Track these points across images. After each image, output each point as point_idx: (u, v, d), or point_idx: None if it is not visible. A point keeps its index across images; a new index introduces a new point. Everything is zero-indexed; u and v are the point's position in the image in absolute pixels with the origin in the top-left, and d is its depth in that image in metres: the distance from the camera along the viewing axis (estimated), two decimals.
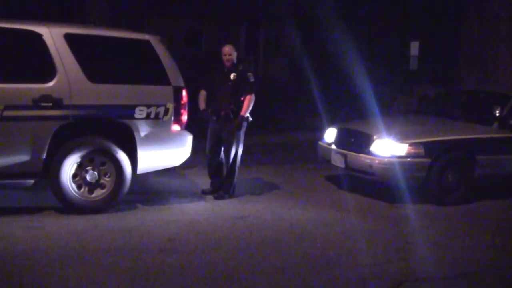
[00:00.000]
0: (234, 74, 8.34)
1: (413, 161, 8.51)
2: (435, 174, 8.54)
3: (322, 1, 18.14)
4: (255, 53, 22.22)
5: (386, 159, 8.52)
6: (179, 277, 5.60)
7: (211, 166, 8.58)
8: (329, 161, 9.41)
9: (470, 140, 8.88)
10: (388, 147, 8.55)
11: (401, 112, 16.70)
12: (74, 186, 7.28)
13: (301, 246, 6.63)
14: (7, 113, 6.91)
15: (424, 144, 8.57)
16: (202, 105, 8.55)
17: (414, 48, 22.60)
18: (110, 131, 7.46)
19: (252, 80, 8.35)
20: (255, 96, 8.37)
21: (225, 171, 8.44)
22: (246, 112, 8.29)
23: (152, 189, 8.85)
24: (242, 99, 8.31)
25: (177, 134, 7.75)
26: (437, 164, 8.54)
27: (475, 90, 11.06)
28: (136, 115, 7.45)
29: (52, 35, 7.24)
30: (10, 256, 5.90)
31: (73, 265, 5.74)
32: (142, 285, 5.40)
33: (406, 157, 8.50)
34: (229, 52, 8.38)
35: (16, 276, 5.46)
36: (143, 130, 7.48)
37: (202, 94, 8.57)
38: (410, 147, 8.52)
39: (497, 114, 9.09)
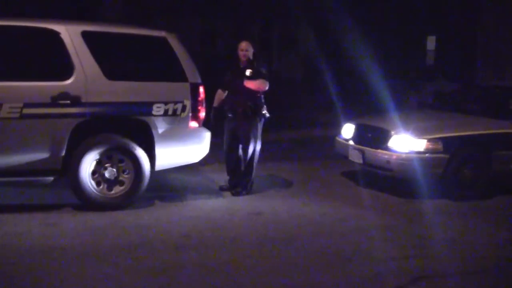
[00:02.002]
0: (250, 70, 8.34)
1: (431, 157, 8.47)
2: (453, 170, 8.50)
3: None
4: (269, 50, 22.19)
5: (404, 155, 8.49)
6: (196, 274, 5.61)
7: (229, 163, 8.60)
8: (346, 157, 9.40)
9: (488, 135, 8.83)
10: (406, 143, 8.53)
11: (418, 107, 16.65)
12: (93, 183, 7.34)
13: (318, 242, 6.63)
14: (26, 110, 6.98)
15: (442, 140, 8.53)
16: (215, 103, 8.59)
17: (431, 42, 22.48)
18: (128, 128, 7.50)
19: (264, 72, 8.35)
20: (270, 91, 8.37)
21: (242, 167, 8.45)
22: (254, 86, 8.24)
23: (170, 185, 8.89)
24: (259, 95, 8.33)
25: (194, 130, 7.77)
26: (454, 159, 8.50)
27: (492, 85, 11.00)
28: (154, 112, 7.48)
29: (70, 33, 7.29)
30: (28, 253, 5.95)
31: (91, 262, 5.78)
32: (159, 282, 5.42)
33: (424, 152, 8.46)
34: (246, 47, 8.38)
35: (33, 272, 5.51)
36: (160, 127, 7.50)
37: (219, 93, 8.60)
38: (428, 143, 8.49)
39: None
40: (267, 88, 8.33)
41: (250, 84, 8.21)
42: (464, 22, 19.70)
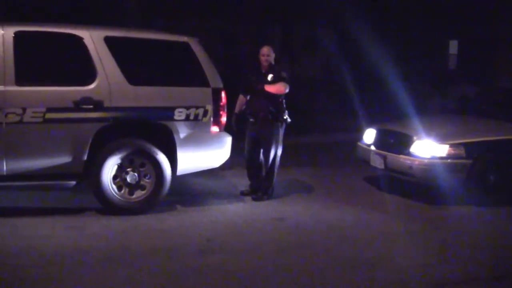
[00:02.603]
0: (272, 75, 8.33)
1: (453, 162, 8.40)
2: (476, 175, 8.42)
3: (357, 0, 18.03)
4: (290, 53, 22.18)
5: (426, 160, 8.43)
6: (218, 279, 5.61)
7: (250, 167, 8.59)
8: (368, 162, 9.35)
9: (511, 140, 8.73)
10: (428, 148, 8.46)
11: (440, 112, 16.52)
12: (114, 187, 7.37)
13: (340, 248, 6.60)
14: (49, 115, 7.03)
15: (465, 145, 8.46)
16: (237, 109, 8.60)
17: (453, 46, 22.33)
18: (150, 133, 7.52)
19: (285, 75, 8.33)
20: (292, 96, 8.35)
21: (264, 172, 8.44)
22: (274, 90, 8.21)
23: (191, 190, 8.90)
24: (280, 100, 8.32)
25: (216, 135, 7.78)
26: (478, 165, 8.42)
27: None
28: (176, 117, 7.50)
29: (93, 38, 7.33)
30: (52, 256, 5.98)
31: (113, 266, 5.80)
32: (182, 286, 5.42)
33: (446, 158, 8.40)
34: (267, 52, 8.38)
35: (57, 275, 5.54)
36: (182, 131, 7.52)
37: (240, 99, 8.61)
38: (450, 148, 8.42)
39: None
40: (287, 90, 8.31)
41: (270, 88, 8.20)
42: (486, 26, 19.54)
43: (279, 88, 8.25)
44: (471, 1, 19.76)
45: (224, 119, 7.84)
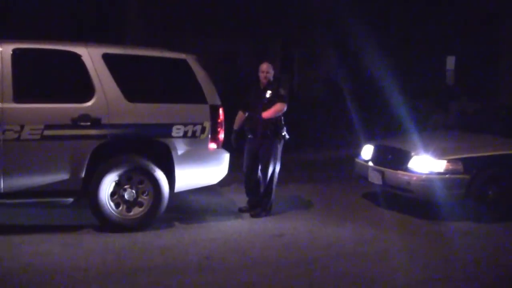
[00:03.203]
0: (270, 92, 8.37)
1: (451, 178, 8.40)
2: (475, 191, 8.40)
3: (357, 18, 18.11)
4: (290, 70, 22.23)
5: (424, 176, 8.42)
6: None
7: (248, 184, 8.59)
8: (366, 178, 9.34)
9: (510, 156, 8.72)
10: (426, 164, 8.46)
11: (438, 128, 16.52)
12: (112, 204, 7.36)
13: (339, 264, 6.57)
14: (47, 132, 7.03)
15: (463, 160, 8.45)
16: (236, 125, 8.62)
17: (450, 62, 22.39)
18: (148, 150, 7.52)
19: (282, 93, 8.36)
20: (290, 113, 8.37)
21: (262, 189, 8.44)
22: (271, 114, 8.25)
23: (190, 207, 8.88)
24: (278, 116, 8.34)
25: (214, 152, 7.78)
26: (476, 180, 8.41)
27: None
28: (174, 134, 7.50)
29: (91, 56, 7.35)
30: (49, 273, 5.96)
31: (111, 283, 5.78)
32: None
33: (444, 173, 8.39)
34: (267, 69, 8.42)
35: None
36: (180, 148, 7.53)
37: (239, 115, 8.64)
38: (448, 164, 8.41)
39: None
40: (285, 109, 8.33)
41: (267, 114, 8.21)
42: (484, 41, 19.60)
43: (276, 111, 8.27)
44: (468, 17, 19.83)
45: (221, 136, 7.84)
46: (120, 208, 7.40)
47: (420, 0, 20.43)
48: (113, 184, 7.35)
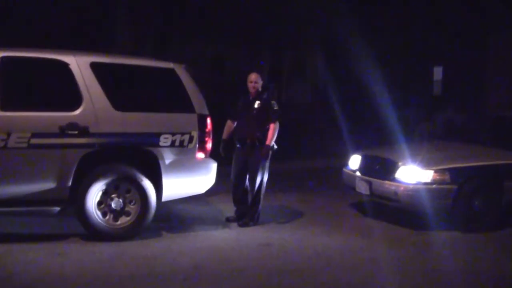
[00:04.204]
0: (259, 102, 8.39)
1: (439, 188, 8.42)
2: (462, 201, 8.43)
3: (346, 27, 18.20)
4: (278, 78, 22.30)
5: (411, 186, 8.44)
6: None
7: (236, 193, 8.59)
8: (353, 188, 9.36)
9: (497, 166, 8.78)
10: (413, 174, 8.49)
11: (425, 138, 16.59)
12: (99, 213, 7.33)
13: (327, 273, 6.57)
14: (34, 140, 7.00)
15: (450, 171, 8.49)
16: (224, 135, 8.61)
17: (437, 73, 22.52)
18: (135, 159, 7.51)
19: (276, 108, 8.39)
20: (280, 123, 8.39)
21: (250, 198, 8.43)
22: (272, 141, 8.31)
23: (177, 216, 8.86)
24: (267, 127, 8.34)
25: (201, 161, 7.77)
26: (463, 190, 8.43)
27: (502, 115, 10.95)
28: (161, 143, 7.49)
29: (78, 64, 7.34)
30: (36, 282, 5.93)
31: None
32: None
33: (431, 183, 8.42)
34: (255, 79, 8.44)
35: None
36: (168, 157, 7.51)
37: (228, 124, 8.63)
38: (435, 174, 8.44)
39: None
40: (277, 124, 8.34)
41: (269, 142, 8.23)
42: (471, 52, 19.74)
43: (274, 134, 8.30)
44: (456, 28, 19.97)
45: (209, 145, 7.84)
46: (107, 217, 7.37)
47: (408, 10, 20.54)
48: (100, 193, 7.33)
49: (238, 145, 8.45)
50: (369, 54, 18.27)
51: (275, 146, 8.43)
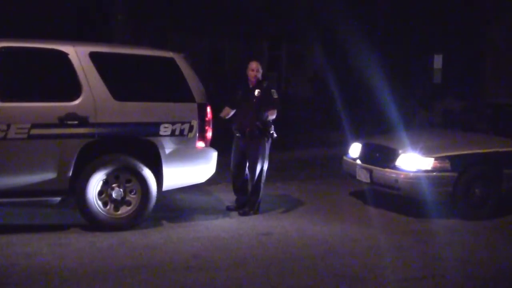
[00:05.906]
0: (259, 90, 8.37)
1: (439, 175, 8.43)
2: (462, 188, 8.44)
3: (345, 16, 18.17)
4: (278, 69, 22.27)
5: (411, 174, 8.45)
6: None
7: (236, 182, 8.59)
8: (354, 176, 9.36)
9: (497, 153, 8.78)
10: (413, 162, 8.49)
11: (425, 126, 16.60)
12: (100, 203, 7.33)
13: (328, 262, 6.58)
14: (33, 131, 6.99)
15: (450, 158, 8.49)
16: (223, 114, 8.57)
17: (438, 61, 22.51)
18: (136, 149, 7.50)
19: (276, 96, 8.38)
20: (279, 112, 8.39)
21: (250, 187, 8.43)
22: (272, 116, 8.33)
23: (177, 206, 8.87)
24: (267, 115, 8.32)
25: (201, 150, 7.77)
26: (463, 178, 8.45)
27: (502, 103, 10.93)
28: (161, 132, 7.49)
29: (78, 54, 7.32)
30: (37, 273, 5.93)
31: (99, 283, 5.76)
32: None
33: (432, 171, 8.42)
34: (256, 68, 8.42)
35: None
36: (168, 147, 7.51)
37: (226, 109, 8.59)
38: (436, 161, 8.44)
39: None
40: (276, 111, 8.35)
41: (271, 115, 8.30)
42: (471, 40, 19.72)
43: (273, 114, 8.35)
44: (454, 15, 19.94)
45: (209, 134, 7.83)
46: (108, 207, 7.38)
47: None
48: (101, 183, 7.33)
49: (237, 134, 8.44)
50: (368, 44, 18.24)
51: (275, 135, 8.42)
